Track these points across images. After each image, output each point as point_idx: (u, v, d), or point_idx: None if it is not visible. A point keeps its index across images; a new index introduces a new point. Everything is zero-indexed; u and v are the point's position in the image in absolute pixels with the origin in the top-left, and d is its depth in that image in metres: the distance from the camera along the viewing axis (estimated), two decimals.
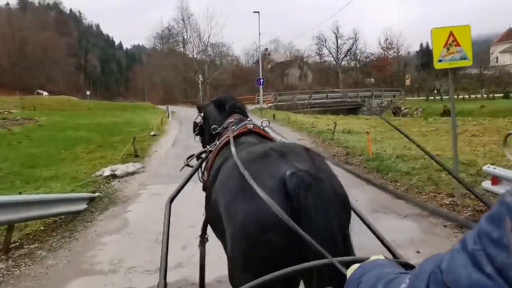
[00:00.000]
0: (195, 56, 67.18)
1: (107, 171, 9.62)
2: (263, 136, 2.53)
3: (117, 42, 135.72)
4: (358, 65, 76.99)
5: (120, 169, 9.93)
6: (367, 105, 43.19)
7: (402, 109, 40.50)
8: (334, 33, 75.50)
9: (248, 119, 2.80)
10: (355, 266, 0.93)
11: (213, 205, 2.02)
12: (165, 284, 1.54)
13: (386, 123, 21.39)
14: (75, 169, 10.59)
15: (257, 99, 38.67)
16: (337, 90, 49.77)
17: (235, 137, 2.29)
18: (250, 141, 2.35)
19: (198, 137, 3.61)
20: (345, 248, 1.52)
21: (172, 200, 2.16)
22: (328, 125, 20.11)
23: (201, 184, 2.71)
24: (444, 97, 48.59)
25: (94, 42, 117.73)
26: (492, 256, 0.47)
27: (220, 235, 2.07)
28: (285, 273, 1.10)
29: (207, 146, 2.75)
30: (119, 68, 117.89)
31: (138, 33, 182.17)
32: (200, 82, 55.39)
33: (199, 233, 2.75)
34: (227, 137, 2.38)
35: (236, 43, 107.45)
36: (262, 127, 2.66)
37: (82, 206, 6.87)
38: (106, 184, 8.78)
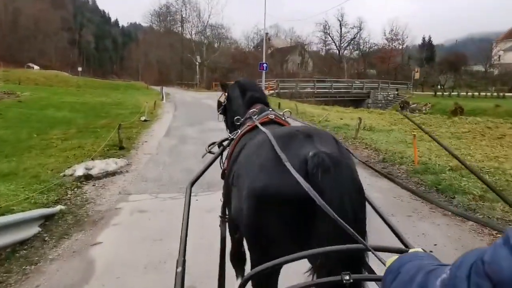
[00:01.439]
0: (193, 36, 64.36)
1: (80, 169, 7.39)
2: (284, 125, 2.51)
3: (113, 19, 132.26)
4: (361, 55, 74.80)
5: (98, 166, 7.71)
6: (373, 98, 41.09)
7: (410, 104, 38.46)
8: (339, 20, 73.21)
9: (270, 109, 2.71)
10: (393, 258, 0.92)
11: (232, 180, 2.05)
12: (184, 261, 1.59)
13: (406, 120, 19.38)
14: (41, 162, 8.34)
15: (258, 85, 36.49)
16: (342, 79, 47.48)
17: (255, 127, 2.32)
18: (271, 128, 2.23)
19: (221, 117, 3.54)
20: (356, 224, 1.51)
21: (193, 184, 2.22)
22: (341, 118, 17.99)
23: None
24: (452, 93, 46.62)
25: (90, 18, 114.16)
26: None
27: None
28: (307, 255, 1.16)
29: (229, 134, 2.79)
30: (114, 46, 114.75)
31: (135, 11, 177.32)
32: (197, 63, 52.85)
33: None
34: (248, 125, 2.42)
35: (235, 26, 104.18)
36: (283, 118, 2.66)
37: (31, 231, 4.69)
38: (75, 190, 6.54)
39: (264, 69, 32.50)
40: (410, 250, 0.98)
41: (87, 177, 7.20)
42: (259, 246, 1.78)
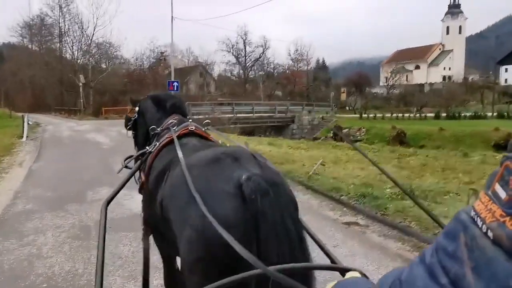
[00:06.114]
0: (75, 52, 53.53)
1: None
2: (205, 138, 2.48)
3: None
4: (265, 76, 70.37)
5: None
6: (298, 123, 35.48)
7: (342, 128, 33.48)
8: (242, 38, 68.14)
9: (189, 120, 2.70)
10: (331, 284, 0.91)
11: (159, 209, 1.95)
12: None
13: (400, 161, 13.17)
14: None
15: None
16: (264, 102, 41.36)
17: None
18: (192, 143, 2.27)
19: (130, 132, 3.32)
20: (302, 250, 1.56)
21: (108, 202, 2.10)
22: (323, 164, 11.09)
23: None
24: (377, 114, 43.14)
25: None
26: (447, 268, 0.50)
27: (162, 240, 2.23)
28: (229, 281, 1.13)
29: (147, 147, 2.55)
30: None
31: (8, 30, 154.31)
32: (81, 85, 42.73)
33: None
34: (167, 137, 2.34)
35: (127, 41, 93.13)
36: (203, 129, 2.58)
37: None
38: None
39: (175, 89, 24.52)
40: (347, 274, 0.94)
41: None
42: (203, 281, 1.55)
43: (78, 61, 52.94)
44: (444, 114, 42.64)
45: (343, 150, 14.92)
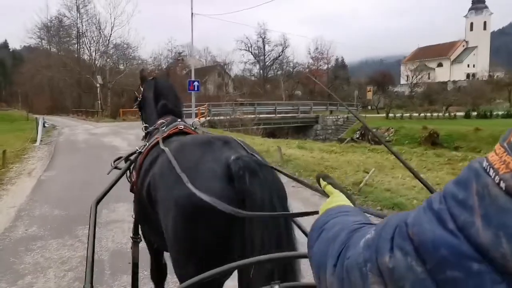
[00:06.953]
0: (92, 53, 52.92)
1: None
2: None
3: (1, 41, 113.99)
4: (285, 75, 68.90)
5: None
6: (322, 123, 34.02)
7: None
8: (261, 37, 66.83)
9: (179, 120, 2.68)
10: (323, 208, 0.89)
11: (147, 198, 1.96)
12: None
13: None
14: None
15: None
16: (286, 102, 39.99)
17: (165, 138, 2.25)
18: (180, 138, 2.25)
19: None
20: (287, 230, 1.55)
21: (98, 201, 2.05)
22: (366, 172, 9.72)
23: None
24: (404, 114, 41.29)
25: None
26: (455, 215, 0.51)
27: (151, 229, 2.14)
28: (240, 264, 1.12)
29: (137, 148, 2.60)
30: (2, 70, 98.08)
31: (27, 32, 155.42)
32: (98, 85, 41.99)
33: None
34: (156, 138, 2.34)
35: (145, 42, 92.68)
36: (193, 128, 2.64)
37: None
38: None
39: (195, 89, 23.30)
40: (336, 203, 0.90)
41: None
42: (191, 261, 1.64)
43: (96, 62, 52.37)
44: (474, 113, 40.49)
45: (382, 155, 13.48)
